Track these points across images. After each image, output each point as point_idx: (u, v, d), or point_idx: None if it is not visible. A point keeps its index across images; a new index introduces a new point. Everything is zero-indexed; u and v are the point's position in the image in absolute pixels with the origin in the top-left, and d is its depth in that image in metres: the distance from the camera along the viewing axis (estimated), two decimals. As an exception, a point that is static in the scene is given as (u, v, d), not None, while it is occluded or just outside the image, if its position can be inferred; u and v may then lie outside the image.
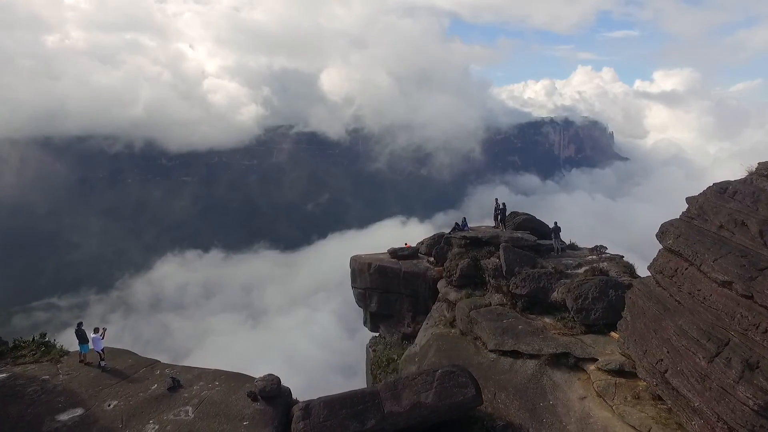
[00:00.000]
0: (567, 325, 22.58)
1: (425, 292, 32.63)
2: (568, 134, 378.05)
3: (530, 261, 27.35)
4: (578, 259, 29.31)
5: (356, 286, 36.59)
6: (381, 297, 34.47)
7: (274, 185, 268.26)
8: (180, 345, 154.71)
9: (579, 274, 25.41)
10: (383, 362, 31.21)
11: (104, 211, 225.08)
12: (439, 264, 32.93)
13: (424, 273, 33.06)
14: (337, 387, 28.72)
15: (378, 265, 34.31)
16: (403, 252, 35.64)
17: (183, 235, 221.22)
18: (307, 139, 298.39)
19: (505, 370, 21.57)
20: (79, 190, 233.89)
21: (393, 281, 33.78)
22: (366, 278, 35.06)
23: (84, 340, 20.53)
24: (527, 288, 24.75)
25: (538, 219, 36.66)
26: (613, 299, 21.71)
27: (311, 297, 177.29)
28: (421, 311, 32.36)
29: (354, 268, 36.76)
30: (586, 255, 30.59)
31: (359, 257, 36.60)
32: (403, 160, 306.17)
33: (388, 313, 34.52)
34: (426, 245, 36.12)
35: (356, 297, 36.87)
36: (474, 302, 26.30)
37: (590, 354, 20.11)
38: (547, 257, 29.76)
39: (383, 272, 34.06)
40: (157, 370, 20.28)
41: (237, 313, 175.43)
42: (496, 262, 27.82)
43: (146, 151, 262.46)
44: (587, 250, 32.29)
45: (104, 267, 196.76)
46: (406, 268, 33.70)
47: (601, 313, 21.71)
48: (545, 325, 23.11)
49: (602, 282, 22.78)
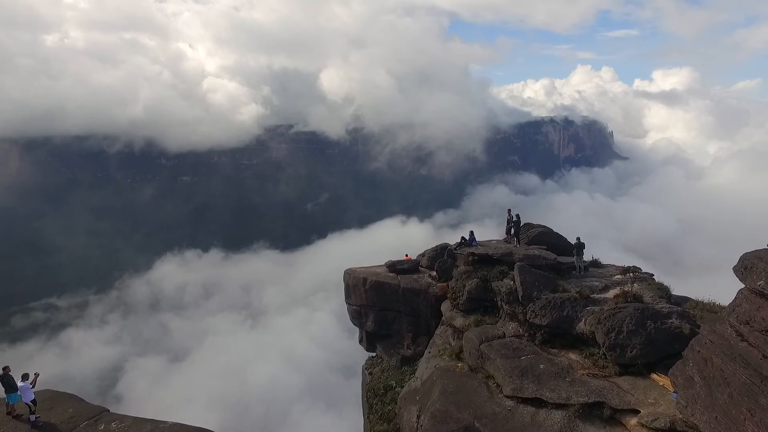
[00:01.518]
0: (597, 364, 19.21)
1: (427, 311, 29.73)
2: (567, 134, 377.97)
3: (550, 283, 23.61)
4: (604, 280, 25.56)
5: (351, 302, 33.24)
6: (378, 315, 31.40)
7: (273, 185, 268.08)
8: (179, 345, 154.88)
9: (608, 300, 21.98)
10: (380, 389, 28.30)
11: (103, 211, 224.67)
12: (442, 279, 29.94)
13: (426, 290, 29.95)
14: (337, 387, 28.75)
15: (374, 280, 31.24)
16: (402, 265, 32.46)
17: (182, 234, 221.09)
18: (306, 138, 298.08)
19: (526, 424, 18.00)
20: (78, 190, 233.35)
21: (391, 298, 30.72)
22: (361, 294, 31.96)
23: (11, 388, 17.35)
24: (548, 317, 21.37)
25: (556, 232, 33.24)
26: (653, 333, 18.43)
27: (311, 297, 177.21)
28: (423, 332, 29.75)
29: (348, 282, 33.32)
30: (612, 274, 27.02)
31: (354, 271, 33.26)
32: (402, 160, 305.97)
33: (386, 333, 31.45)
34: (427, 258, 33.21)
35: (350, 314, 33.64)
36: (485, 332, 22.82)
37: (629, 404, 16.87)
38: (569, 278, 26.13)
39: (380, 288, 30.96)
40: (101, 425, 17.19)
41: (236, 313, 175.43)
42: (511, 285, 24.20)
43: (146, 150, 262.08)
44: (612, 268, 28.85)
45: (103, 267, 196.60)
46: (405, 284, 30.56)
47: (639, 351, 18.23)
48: (571, 363, 19.69)
49: (638, 311, 19.21)
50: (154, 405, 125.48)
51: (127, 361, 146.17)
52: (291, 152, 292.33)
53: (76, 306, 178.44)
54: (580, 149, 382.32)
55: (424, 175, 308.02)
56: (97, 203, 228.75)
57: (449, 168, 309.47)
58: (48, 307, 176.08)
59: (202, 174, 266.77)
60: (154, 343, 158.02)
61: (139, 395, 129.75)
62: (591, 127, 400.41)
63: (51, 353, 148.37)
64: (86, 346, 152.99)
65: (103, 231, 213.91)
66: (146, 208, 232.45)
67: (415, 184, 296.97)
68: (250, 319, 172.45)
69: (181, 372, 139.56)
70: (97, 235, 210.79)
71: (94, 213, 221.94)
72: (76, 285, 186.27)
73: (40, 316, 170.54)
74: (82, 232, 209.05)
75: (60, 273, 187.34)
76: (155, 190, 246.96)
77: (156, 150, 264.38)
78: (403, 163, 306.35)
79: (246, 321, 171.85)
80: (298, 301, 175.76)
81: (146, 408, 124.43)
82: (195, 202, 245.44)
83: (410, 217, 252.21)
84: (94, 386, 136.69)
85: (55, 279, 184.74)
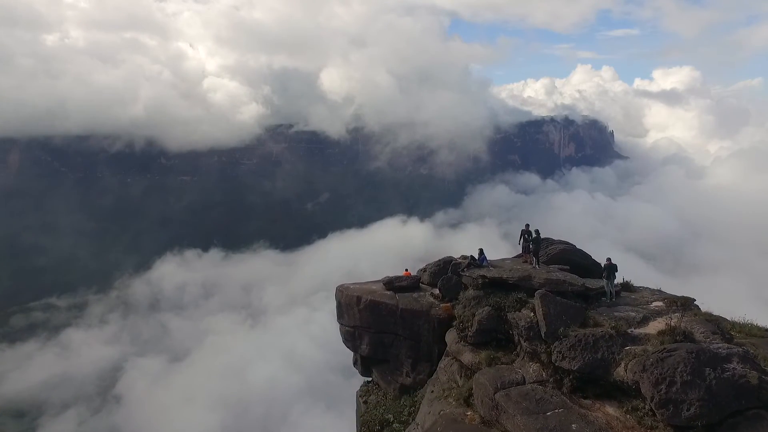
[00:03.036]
0: (644, 423, 15.33)
1: (429, 335, 26.51)
2: (568, 133, 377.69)
3: (578, 315, 20.01)
4: (641, 309, 21.79)
5: (343, 323, 29.94)
6: (373, 338, 28.19)
7: (274, 184, 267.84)
8: (179, 345, 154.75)
9: (650, 337, 18.32)
10: (375, 425, 25.52)
11: (103, 211, 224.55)
12: (446, 299, 26.48)
13: (427, 311, 26.53)
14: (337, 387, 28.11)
15: (369, 299, 27.88)
16: (400, 282, 29.09)
17: (182, 234, 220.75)
18: (307, 138, 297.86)
19: None
20: (78, 190, 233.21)
21: (388, 320, 27.46)
22: (354, 315, 28.72)
23: None
24: (579, 360, 17.60)
25: (579, 249, 29.43)
26: (713, 384, 14.43)
27: (311, 297, 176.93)
28: (424, 358, 26.76)
29: (340, 301, 29.92)
30: (648, 300, 23.46)
31: (346, 288, 30.21)
32: (403, 159, 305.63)
33: (383, 357, 28.36)
34: (429, 274, 29.62)
35: (343, 336, 30.20)
36: (500, 376, 19.22)
37: None
38: (598, 305, 22.58)
39: (376, 309, 27.66)
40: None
41: (236, 312, 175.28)
42: (531, 317, 20.53)
43: (146, 150, 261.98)
44: (647, 292, 25.24)
45: (103, 266, 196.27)
46: (404, 304, 27.22)
47: (698, 409, 14.24)
48: (609, 421, 15.95)
49: (692, 355, 15.22)
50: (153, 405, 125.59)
51: (126, 361, 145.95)
52: (291, 152, 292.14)
53: (76, 306, 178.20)
54: (580, 149, 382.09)
55: (425, 175, 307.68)
56: (97, 203, 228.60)
57: (450, 167, 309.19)
58: (47, 307, 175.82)
59: (202, 173, 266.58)
60: (153, 343, 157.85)
61: (138, 395, 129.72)
62: (591, 126, 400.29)
63: (51, 353, 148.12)
64: (86, 346, 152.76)
65: (103, 230, 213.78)
66: (146, 208, 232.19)
67: (416, 184, 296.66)
68: (250, 319, 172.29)
69: (181, 372, 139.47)
70: (96, 234, 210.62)
71: (94, 212, 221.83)
72: (75, 285, 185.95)
73: (40, 315, 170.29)
74: (81, 232, 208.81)
75: (59, 273, 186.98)
76: (155, 189, 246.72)
77: (156, 149, 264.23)
78: (404, 162, 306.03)
79: (246, 321, 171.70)
80: (298, 301, 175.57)
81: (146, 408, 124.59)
82: (195, 202, 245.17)
83: (411, 217, 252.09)
84: (93, 386, 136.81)
85: (54, 279, 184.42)
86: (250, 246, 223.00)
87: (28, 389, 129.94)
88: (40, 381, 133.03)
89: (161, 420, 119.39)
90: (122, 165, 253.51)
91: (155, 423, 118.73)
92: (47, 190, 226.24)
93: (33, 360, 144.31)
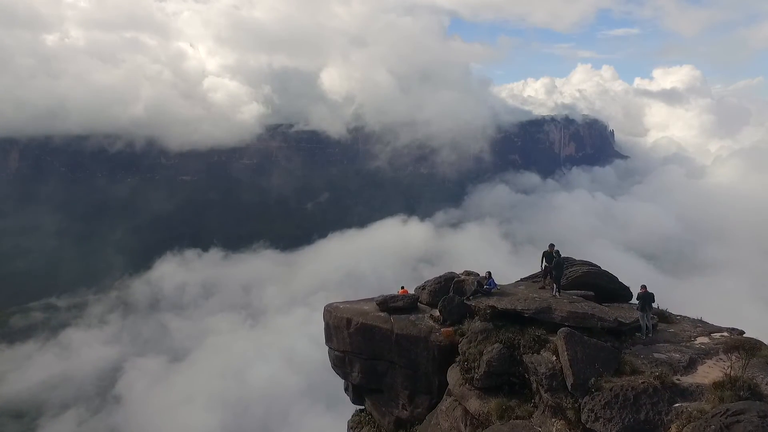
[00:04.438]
0: None
1: (428, 364, 23.33)
2: (568, 132, 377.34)
3: (611, 360, 16.59)
4: (684, 348, 18.36)
5: (332, 347, 26.89)
6: (365, 365, 25.07)
7: (274, 184, 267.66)
8: (179, 345, 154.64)
9: (703, 389, 14.89)
10: None
11: (103, 210, 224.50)
12: (447, 323, 23.34)
13: (426, 337, 23.28)
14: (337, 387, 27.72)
15: (361, 322, 24.86)
16: (395, 302, 25.63)
17: (182, 234, 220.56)
18: (307, 137, 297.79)
19: None
20: (78, 189, 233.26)
21: (382, 346, 24.35)
22: (344, 339, 25.66)
23: None
24: (617, 422, 14.29)
25: (604, 270, 26.08)
26: None
27: (311, 297, 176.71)
28: (422, 389, 23.64)
29: (328, 323, 26.83)
30: (692, 335, 20.07)
31: (336, 308, 27.07)
32: (403, 159, 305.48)
33: (376, 387, 25.21)
34: (428, 292, 26.19)
35: (332, 361, 27.04)
36: None
37: None
38: (632, 341, 19.12)
39: (368, 333, 24.62)
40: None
41: (236, 312, 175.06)
42: (552, 362, 17.12)
43: (146, 150, 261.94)
44: (687, 322, 21.71)
45: (103, 266, 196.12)
46: (400, 328, 24.01)
47: None
48: None
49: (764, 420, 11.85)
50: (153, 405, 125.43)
51: (126, 361, 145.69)
52: (291, 151, 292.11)
53: (76, 306, 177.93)
54: (580, 148, 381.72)
55: (425, 174, 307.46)
56: (97, 202, 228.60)
57: (450, 167, 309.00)
58: (47, 307, 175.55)
59: (202, 173, 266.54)
60: (153, 343, 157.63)
61: (138, 395, 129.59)
62: (591, 125, 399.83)
63: (50, 353, 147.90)
64: (85, 346, 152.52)
65: (103, 230, 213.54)
66: (146, 208, 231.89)
67: (416, 183, 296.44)
68: (250, 319, 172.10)
69: (181, 372, 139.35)
70: (96, 234, 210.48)
71: (94, 212, 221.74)
72: (75, 285, 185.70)
73: (39, 316, 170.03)
74: (81, 232, 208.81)
75: (59, 273, 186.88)
76: (155, 189, 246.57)
77: (156, 149, 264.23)
78: (404, 162, 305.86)
79: (246, 321, 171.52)
80: (298, 301, 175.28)
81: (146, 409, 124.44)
82: (195, 202, 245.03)
83: (411, 216, 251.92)
84: (93, 387, 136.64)
85: (54, 279, 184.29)
86: (250, 246, 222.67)
87: (27, 390, 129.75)
88: (39, 381, 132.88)
89: (161, 420, 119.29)
90: (122, 165, 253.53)
91: (155, 423, 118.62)
92: (46, 189, 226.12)
93: (32, 360, 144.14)
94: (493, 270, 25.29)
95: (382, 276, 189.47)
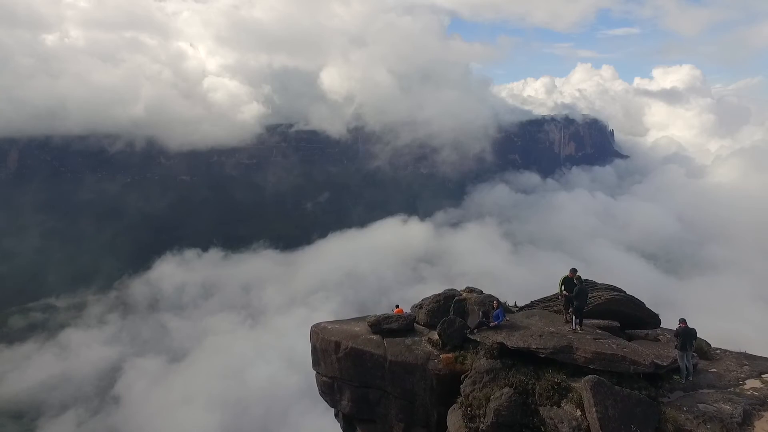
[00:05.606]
0: None
1: (425, 395, 20.70)
2: (568, 132, 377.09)
3: (650, 415, 14.06)
4: (733, 395, 15.70)
5: (320, 371, 24.64)
6: (356, 393, 22.64)
7: (273, 184, 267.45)
8: (178, 345, 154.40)
9: None
10: None
11: (103, 210, 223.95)
12: (447, 348, 20.78)
13: (424, 364, 20.74)
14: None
15: (350, 347, 22.45)
16: (389, 324, 22.99)
17: (182, 234, 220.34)
18: (307, 137, 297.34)
19: None
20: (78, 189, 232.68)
21: (374, 374, 21.86)
22: (332, 364, 23.19)
23: None
24: None
25: (631, 296, 22.81)
26: None
27: (311, 297, 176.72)
28: (419, 422, 21.23)
29: (315, 345, 24.56)
30: (739, 377, 17.35)
31: (323, 329, 24.68)
32: (403, 158, 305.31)
33: (368, 417, 22.76)
34: (426, 312, 23.63)
35: (320, 387, 24.68)
36: None
37: None
38: (670, 386, 16.51)
39: (359, 359, 22.19)
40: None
41: (236, 312, 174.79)
42: (577, 419, 14.55)
43: (146, 149, 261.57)
44: (729, 359, 19.07)
45: (102, 267, 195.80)
46: (394, 354, 21.52)
47: None
48: None
49: None
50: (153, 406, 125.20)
51: (125, 361, 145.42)
52: (291, 151, 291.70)
53: (75, 306, 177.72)
54: (580, 147, 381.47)
55: (425, 174, 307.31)
56: (97, 202, 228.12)
57: (450, 166, 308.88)
58: (46, 308, 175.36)
59: (202, 173, 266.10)
60: (153, 343, 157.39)
61: (137, 396, 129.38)
62: (591, 125, 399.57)
63: (49, 354, 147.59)
64: (85, 346, 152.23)
65: (102, 230, 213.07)
66: (146, 208, 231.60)
67: (416, 183, 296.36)
68: (250, 319, 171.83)
69: (181, 372, 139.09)
70: (96, 234, 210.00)
71: (94, 212, 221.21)
72: (74, 285, 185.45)
73: (39, 316, 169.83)
74: (80, 232, 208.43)
75: (58, 273, 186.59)
76: (155, 189, 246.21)
77: (156, 149, 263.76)
78: (404, 161, 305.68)
79: (245, 321, 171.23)
80: (298, 301, 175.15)
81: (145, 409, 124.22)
82: (195, 202, 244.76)
83: (411, 216, 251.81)
84: (92, 387, 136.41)
85: (53, 279, 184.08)
86: (250, 246, 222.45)
87: (26, 390, 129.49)
88: (38, 382, 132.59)
89: (160, 421, 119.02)
90: (122, 165, 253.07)
91: (154, 424, 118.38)
92: (46, 189, 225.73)
93: (32, 361, 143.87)
94: (493, 269, 24.26)
95: (382, 276, 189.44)
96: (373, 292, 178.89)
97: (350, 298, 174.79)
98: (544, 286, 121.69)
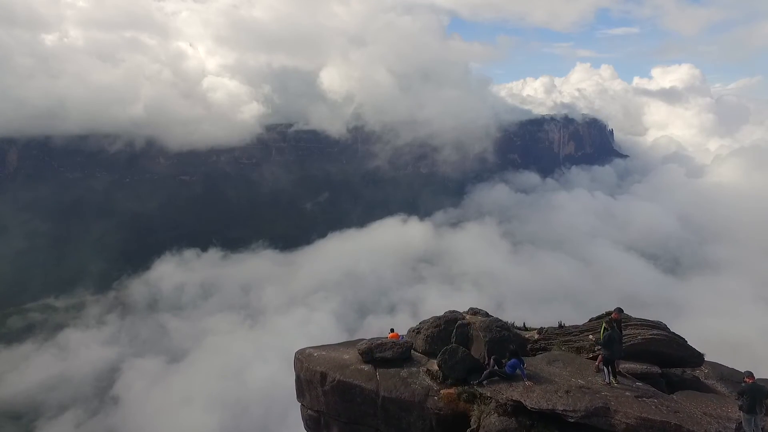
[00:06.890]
0: None
1: None
2: (567, 132, 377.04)
3: None
4: None
5: (305, 404, 21.80)
6: (345, 431, 20.05)
7: (273, 184, 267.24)
8: (177, 345, 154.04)
9: None
10: None
11: (102, 210, 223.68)
12: (449, 381, 18.20)
13: (422, 402, 18.11)
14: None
15: (338, 379, 19.74)
16: (383, 352, 20.21)
17: (181, 234, 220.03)
18: (307, 137, 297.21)
19: None
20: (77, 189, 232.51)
21: (365, 410, 19.14)
22: (318, 397, 20.49)
23: None
24: None
25: (672, 333, 20.11)
26: None
27: (310, 297, 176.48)
28: None
29: (299, 374, 21.79)
30: None
31: (308, 357, 21.89)
32: (403, 158, 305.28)
33: None
34: (424, 338, 21.08)
35: (305, 421, 21.76)
36: None
37: None
38: None
39: (347, 393, 19.46)
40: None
41: (235, 313, 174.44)
42: None
43: (145, 149, 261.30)
44: None
45: (101, 267, 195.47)
46: (387, 389, 18.77)
47: None
48: None
49: None
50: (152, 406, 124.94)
51: (124, 362, 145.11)
52: (291, 151, 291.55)
53: (74, 306, 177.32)
54: (580, 147, 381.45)
55: (425, 174, 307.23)
56: (96, 202, 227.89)
57: (449, 166, 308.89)
58: (45, 308, 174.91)
59: (202, 173, 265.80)
60: (152, 343, 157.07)
61: (137, 396, 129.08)
62: (591, 125, 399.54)
63: (48, 354, 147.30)
64: (84, 347, 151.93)
65: (102, 230, 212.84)
66: (145, 208, 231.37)
67: (416, 183, 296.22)
68: (249, 319, 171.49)
69: (180, 373, 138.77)
70: (95, 234, 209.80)
71: (93, 212, 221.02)
72: (73, 285, 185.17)
73: (37, 316, 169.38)
74: (79, 232, 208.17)
75: (57, 273, 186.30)
76: (154, 189, 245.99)
77: (156, 149, 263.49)
78: (404, 161, 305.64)
79: (245, 321, 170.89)
80: (298, 301, 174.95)
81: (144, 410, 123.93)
82: (194, 202, 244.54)
83: (411, 216, 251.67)
84: (91, 388, 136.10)
85: (52, 279, 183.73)
86: (249, 246, 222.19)
87: (25, 391, 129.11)
88: (37, 382, 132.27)
89: (160, 421, 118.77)
90: (121, 164, 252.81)
91: (154, 424, 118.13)
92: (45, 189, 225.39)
93: (30, 361, 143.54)
94: (493, 269, 23.01)
95: (381, 276, 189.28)
96: (372, 292, 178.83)
97: (350, 298, 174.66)
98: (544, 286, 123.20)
